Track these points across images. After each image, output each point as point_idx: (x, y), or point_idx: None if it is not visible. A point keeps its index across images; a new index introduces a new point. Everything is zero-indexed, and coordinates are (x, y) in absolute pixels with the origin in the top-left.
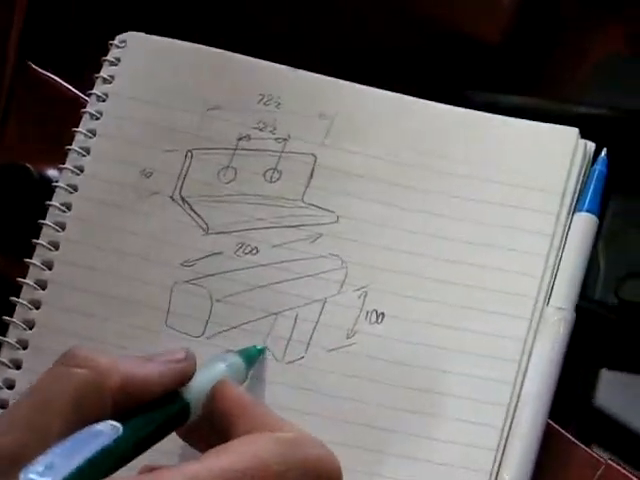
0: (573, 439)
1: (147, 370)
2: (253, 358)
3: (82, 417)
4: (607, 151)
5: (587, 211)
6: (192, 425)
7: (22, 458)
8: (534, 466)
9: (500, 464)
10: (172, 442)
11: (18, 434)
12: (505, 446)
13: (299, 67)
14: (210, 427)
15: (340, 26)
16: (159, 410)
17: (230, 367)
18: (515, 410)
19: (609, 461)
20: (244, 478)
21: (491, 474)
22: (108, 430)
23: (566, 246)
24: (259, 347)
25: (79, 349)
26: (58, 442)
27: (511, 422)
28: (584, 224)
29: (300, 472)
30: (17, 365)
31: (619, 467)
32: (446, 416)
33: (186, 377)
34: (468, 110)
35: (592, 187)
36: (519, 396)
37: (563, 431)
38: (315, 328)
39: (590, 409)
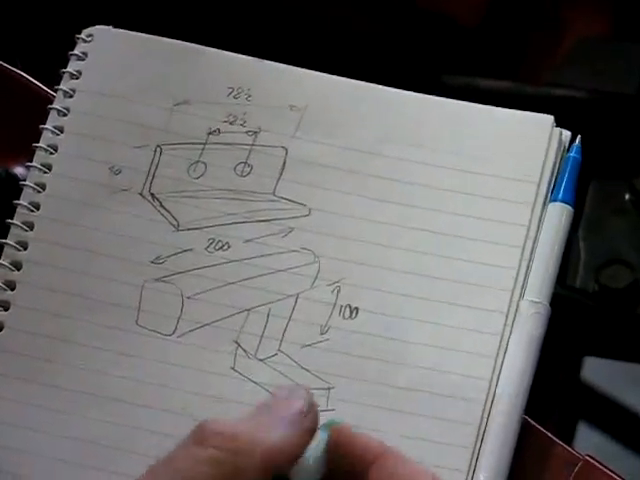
0: (550, 435)
1: (282, 437)
2: None
3: None
4: (584, 136)
5: (562, 201)
6: None
7: None
8: (511, 463)
9: (476, 462)
10: None
11: None
12: (481, 444)
13: (269, 58)
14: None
15: (313, 11)
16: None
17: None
18: (491, 407)
19: (587, 457)
20: None
21: (467, 473)
22: None
23: (540, 237)
24: (338, 420)
25: (213, 425)
26: None
27: (487, 419)
28: (559, 214)
29: None
30: None
31: (597, 463)
32: (420, 413)
33: (314, 431)
34: (442, 99)
35: (566, 176)
36: (494, 393)
37: (540, 427)
38: (288, 324)
39: (577, 387)
